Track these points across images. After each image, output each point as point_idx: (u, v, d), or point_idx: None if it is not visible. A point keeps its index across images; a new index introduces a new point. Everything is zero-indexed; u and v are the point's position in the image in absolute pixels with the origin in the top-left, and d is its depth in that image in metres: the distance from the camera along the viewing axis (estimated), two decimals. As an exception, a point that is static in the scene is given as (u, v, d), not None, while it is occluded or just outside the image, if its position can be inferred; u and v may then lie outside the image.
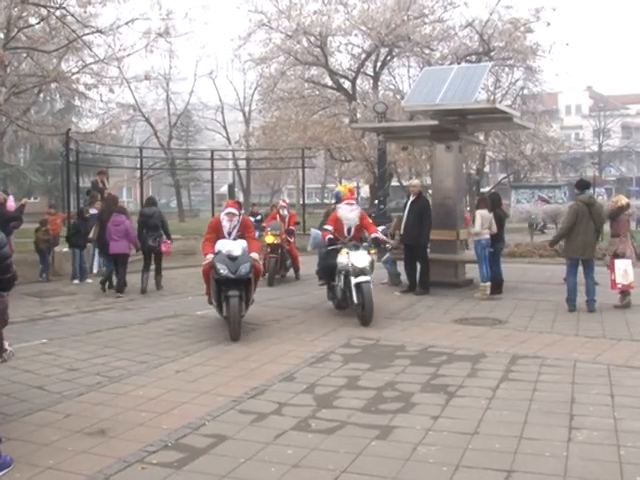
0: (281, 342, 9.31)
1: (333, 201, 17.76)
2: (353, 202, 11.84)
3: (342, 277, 10.89)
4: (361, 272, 10.45)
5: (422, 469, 4.99)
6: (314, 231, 13.56)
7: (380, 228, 12.91)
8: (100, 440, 5.58)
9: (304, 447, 5.40)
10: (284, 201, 18.38)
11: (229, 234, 10.31)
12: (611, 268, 11.67)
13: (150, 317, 11.33)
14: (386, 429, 5.82)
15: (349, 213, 11.46)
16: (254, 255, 10.06)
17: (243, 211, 11.20)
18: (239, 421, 6.07)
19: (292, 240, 16.74)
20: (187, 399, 6.69)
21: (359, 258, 10.59)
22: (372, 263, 10.90)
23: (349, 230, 11.45)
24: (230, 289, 9.56)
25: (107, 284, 14.80)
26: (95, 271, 17.01)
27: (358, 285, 10.38)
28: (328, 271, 11.61)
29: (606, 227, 12.14)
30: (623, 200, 12.31)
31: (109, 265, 15.00)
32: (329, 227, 11.50)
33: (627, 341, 9.15)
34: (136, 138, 51.39)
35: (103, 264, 16.01)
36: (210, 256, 9.90)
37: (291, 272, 16.75)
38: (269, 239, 15.63)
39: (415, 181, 15.01)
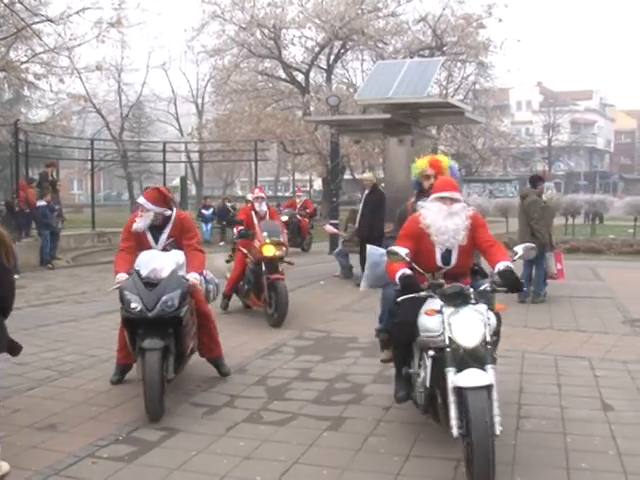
0: (233, 334, 9.29)
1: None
2: (456, 194, 5.55)
3: (428, 360, 5.13)
4: (473, 359, 4.76)
5: (373, 459, 5.04)
6: (373, 253, 6.62)
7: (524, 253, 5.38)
8: (50, 435, 5.52)
9: (256, 439, 5.42)
10: (261, 190, 11.53)
11: (156, 240, 6.66)
12: (558, 259, 11.94)
13: (102, 310, 11.19)
14: (338, 420, 5.87)
15: (446, 220, 5.44)
16: (192, 277, 6.34)
17: (174, 211, 6.83)
18: (191, 414, 6.06)
19: None
20: (138, 392, 6.61)
21: (467, 324, 4.87)
22: (498, 333, 5.29)
23: (446, 256, 5.55)
24: (147, 336, 5.99)
25: None
26: None
27: (462, 392, 4.65)
28: (404, 335, 5.44)
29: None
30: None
31: None
32: (401, 250, 5.28)
33: (574, 332, 9.34)
34: (87, 129, 50.68)
35: None
36: (122, 276, 6.33)
37: None
38: (268, 250, 10.06)
39: (365, 175, 14.92)
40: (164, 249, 6.60)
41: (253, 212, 10.89)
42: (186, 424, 5.78)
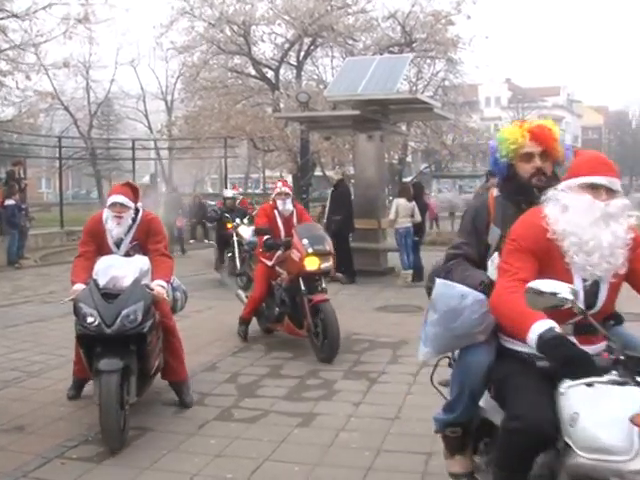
0: (204, 332, 9.25)
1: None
2: (616, 182, 3.08)
3: None
4: None
5: (344, 454, 5.06)
6: (447, 293, 3.80)
7: None
8: (18, 436, 5.45)
9: (227, 437, 5.41)
10: (285, 183, 8.94)
11: (117, 245, 5.91)
12: None
13: (69, 310, 11.04)
14: (309, 416, 5.88)
15: (599, 227, 3.01)
16: (157, 285, 5.57)
17: (141, 211, 6.05)
18: (162, 413, 6.03)
19: None
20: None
21: None
22: None
23: (591, 292, 3.14)
24: (104, 356, 5.21)
25: None
26: None
27: None
28: (533, 447, 2.97)
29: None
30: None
31: None
32: (562, 287, 2.80)
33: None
34: (55, 127, 50.04)
35: None
36: (79, 287, 5.60)
37: None
38: (312, 263, 7.82)
39: (330, 172, 15.24)
40: (127, 254, 5.85)
41: (276, 212, 8.62)
42: (157, 423, 5.75)
